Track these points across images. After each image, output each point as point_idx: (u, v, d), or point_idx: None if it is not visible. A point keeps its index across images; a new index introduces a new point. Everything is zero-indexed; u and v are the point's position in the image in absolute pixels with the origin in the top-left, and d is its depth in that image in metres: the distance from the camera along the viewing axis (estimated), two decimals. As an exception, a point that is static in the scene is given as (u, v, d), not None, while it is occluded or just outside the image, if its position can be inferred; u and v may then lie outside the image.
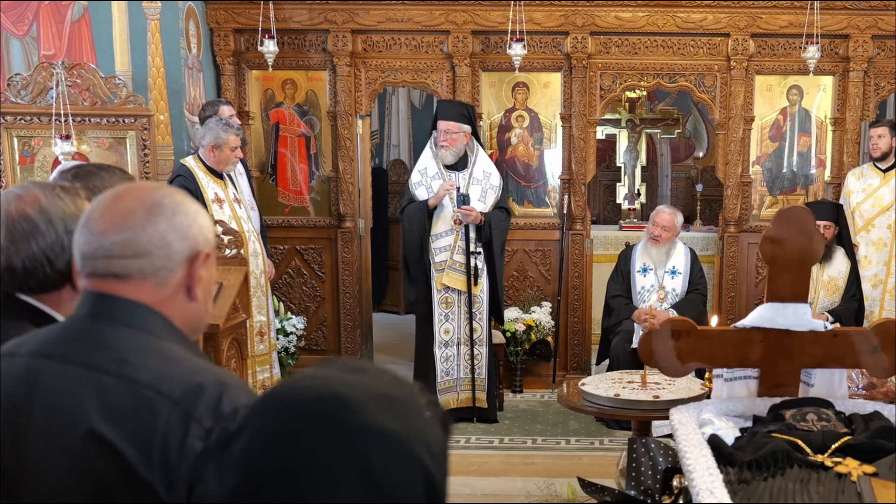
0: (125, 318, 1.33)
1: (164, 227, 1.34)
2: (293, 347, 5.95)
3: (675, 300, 5.40)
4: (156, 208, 1.35)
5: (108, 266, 1.34)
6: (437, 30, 5.97)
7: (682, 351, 2.75)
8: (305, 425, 0.95)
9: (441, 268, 5.23)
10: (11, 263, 1.64)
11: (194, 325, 1.44)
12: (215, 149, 4.83)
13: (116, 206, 1.35)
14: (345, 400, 0.96)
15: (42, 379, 1.30)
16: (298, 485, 0.93)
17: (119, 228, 1.33)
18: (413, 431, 0.98)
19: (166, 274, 1.36)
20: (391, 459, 0.94)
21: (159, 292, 1.36)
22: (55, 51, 5.18)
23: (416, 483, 0.95)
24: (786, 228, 2.74)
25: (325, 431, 0.94)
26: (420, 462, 0.96)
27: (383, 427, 0.95)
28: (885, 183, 5.80)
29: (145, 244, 1.34)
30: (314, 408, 0.96)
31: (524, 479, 4.49)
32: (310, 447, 0.94)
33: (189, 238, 1.37)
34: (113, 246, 1.33)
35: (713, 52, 6.01)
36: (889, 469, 2.17)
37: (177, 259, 1.36)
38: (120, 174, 2.40)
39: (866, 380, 3.31)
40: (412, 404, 1.02)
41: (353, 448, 0.93)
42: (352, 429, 0.94)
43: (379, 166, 9.09)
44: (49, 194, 1.69)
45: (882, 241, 5.81)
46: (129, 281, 1.34)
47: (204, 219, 1.42)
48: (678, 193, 9.75)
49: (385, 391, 1.01)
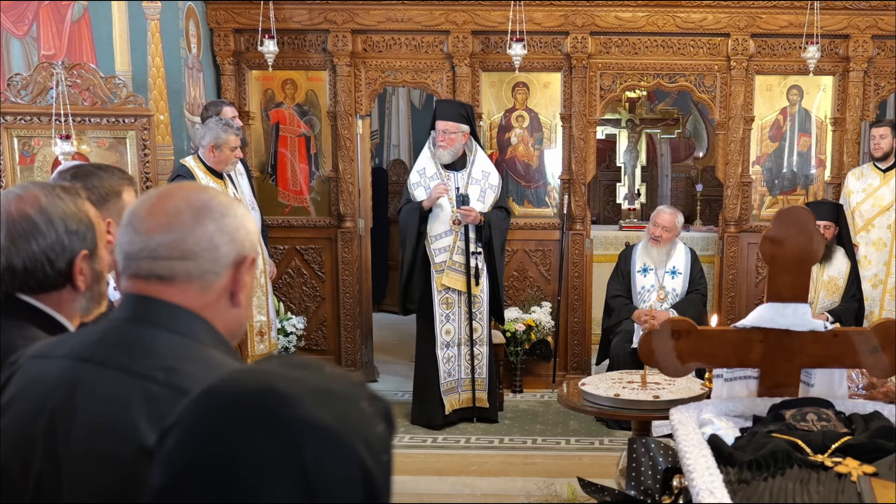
0: (168, 323, 1.29)
1: (212, 230, 1.30)
2: (293, 347, 5.95)
3: (676, 300, 5.40)
4: (204, 210, 1.31)
5: (153, 267, 1.30)
6: (437, 30, 5.97)
7: (682, 351, 2.75)
8: (237, 420, 0.92)
9: (441, 268, 5.23)
10: (12, 263, 1.64)
11: (235, 331, 1.40)
12: (215, 149, 4.83)
13: (162, 206, 1.31)
14: (279, 393, 0.93)
15: (83, 384, 1.26)
16: (227, 481, 0.90)
17: (165, 228, 1.29)
18: (350, 425, 0.94)
19: (212, 278, 1.32)
20: (325, 454, 0.91)
21: (204, 297, 1.32)
22: (55, 51, 5.18)
23: (351, 479, 0.92)
24: (786, 228, 2.74)
25: (257, 426, 0.91)
26: (357, 457, 0.93)
27: (317, 420, 0.92)
28: (885, 183, 5.79)
29: (193, 246, 1.29)
30: (247, 402, 0.93)
31: (524, 479, 4.49)
32: (240, 442, 0.91)
33: (236, 242, 1.33)
34: (159, 246, 1.29)
35: (713, 52, 6.01)
36: (889, 469, 2.17)
37: (224, 263, 1.32)
38: (119, 174, 2.40)
39: (866, 380, 3.31)
40: (350, 398, 0.99)
41: (285, 442, 0.90)
42: (284, 422, 0.91)
43: (379, 166, 9.10)
44: (49, 194, 1.68)
45: (882, 241, 5.80)
46: (173, 284, 1.30)
47: (251, 223, 1.38)
48: (678, 193, 9.75)
49: (322, 385, 0.98)
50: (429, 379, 5.32)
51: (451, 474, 4.62)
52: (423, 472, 4.64)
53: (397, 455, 1.04)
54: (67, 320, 1.70)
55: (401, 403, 5.85)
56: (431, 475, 4.58)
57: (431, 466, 4.75)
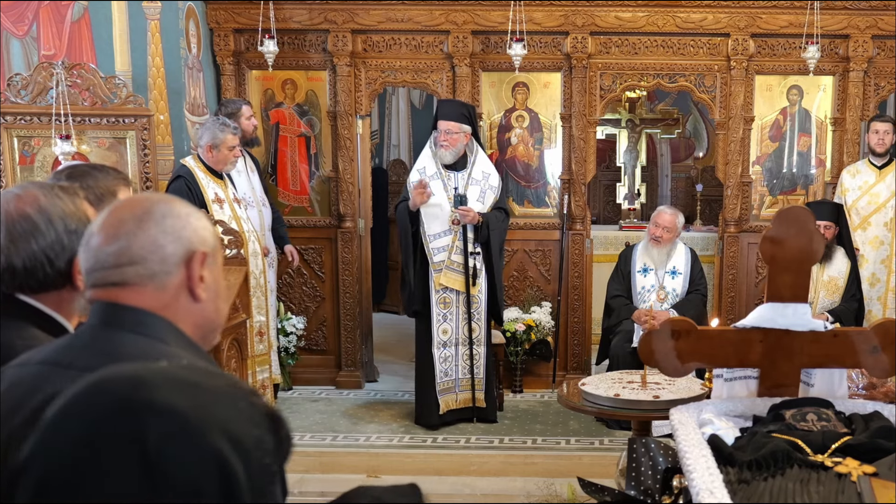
0: (131, 325, 1.35)
1: (154, 232, 1.36)
2: (293, 347, 5.95)
3: (676, 300, 5.40)
4: (145, 215, 1.37)
5: (107, 276, 1.36)
6: (437, 30, 5.97)
7: (682, 351, 2.75)
8: (91, 400, 0.94)
9: (439, 268, 5.23)
10: (12, 263, 1.65)
11: (205, 326, 1.45)
12: (213, 149, 4.83)
13: (109, 220, 1.39)
14: (138, 379, 0.95)
15: (52, 386, 1.31)
16: (73, 459, 0.91)
17: (112, 239, 1.36)
18: (209, 417, 0.94)
19: (164, 277, 1.37)
20: (171, 439, 0.91)
21: (161, 296, 1.37)
22: (55, 51, 5.18)
23: (202, 470, 0.91)
24: (786, 228, 2.74)
25: (106, 406, 0.93)
26: (212, 448, 0.92)
27: (168, 404, 0.92)
28: (881, 179, 5.78)
29: (138, 250, 1.36)
30: (106, 385, 0.96)
31: (524, 479, 4.48)
32: (90, 421, 0.92)
33: (183, 240, 1.38)
34: (108, 257, 1.36)
35: (713, 52, 6.01)
36: (889, 469, 2.17)
37: (172, 261, 1.37)
38: (114, 174, 2.41)
39: (866, 380, 3.31)
40: (224, 395, 0.99)
41: (130, 422, 0.91)
42: (133, 402, 0.92)
43: (379, 166, 9.10)
44: (48, 194, 1.69)
45: (878, 239, 5.79)
46: (129, 287, 1.36)
47: (198, 220, 1.43)
48: (678, 193, 9.75)
49: (192, 379, 0.99)
50: (427, 378, 5.32)
51: (451, 474, 4.61)
52: (423, 472, 4.63)
53: (397, 455, 1.03)
54: (67, 320, 1.70)
55: (401, 403, 5.85)
56: (431, 475, 4.58)
57: (431, 466, 4.74)
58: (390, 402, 5.93)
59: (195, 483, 0.91)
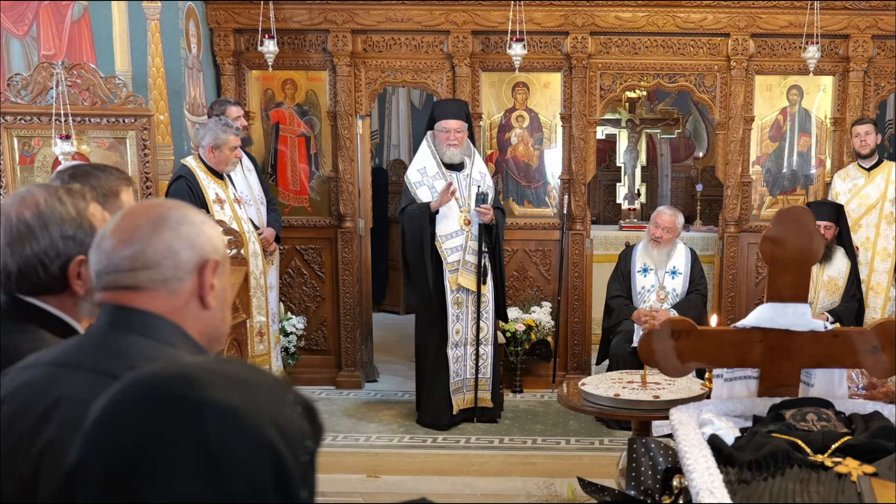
0: (140, 328, 1.36)
1: (170, 238, 1.38)
2: (293, 347, 5.95)
3: (676, 300, 5.40)
4: (161, 221, 1.39)
5: (119, 279, 1.37)
6: (437, 30, 5.97)
7: (682, 351, 2.75)
8: (145, 400, 0.96)
9: (454, 268, 5.23)
10: (7, 266, 1.65)
11: (211, 333, 1.46)
12: (215, 149, 4.82)
13: (124, 224, 1.40)
14: (189, 377, 0.97)
15: (61, 387, 1.32)
16: (133, 459, 0.93)
17: (127, 244, 1.37)
18: (259, 410, 0.97)
19: (177, 283, 1.39)
20: (230, 433, 0.94)
21: (172, 301, 1.39)
22: (55, 51, 5.18)
23: (260, 461, 0.95)
24: (786, 228, 2.74)
25: (162, 405, 0.95)
26: (266, 440, 0.96)
27: (223, 401, 0.95)
28: (870, 181, 5.80)
29: (153, 255, 1.37)
30: (158, 384, 0.97)
31: (524, 479, 4.49)
32: (146, 421, 0.94)
33: (196, 247, 1.40)
34: (122, 261, 1.37)
35: (713, 52, 6.01)
36: (889, 469, 2.17)
37: (186, 268, 1.39)
38: (116, 174, 2.41)
39: (866, 380, 3.31)
40: (267, 389, 1.02)
41: (189, 421, 0.93)
42: (190, 402, 0.95)
43: (379, 166, 9.10)
44: (50, 198, 1.69)
45: (870, 240, 5.81)
46: (140, 291, 1.37)
47: (211, 228, 1.44)
48: (678, 193, 9.76)
49: (238, 374, 1.02)
50: (438, 379, 5.31)
51: (451, 474, 4.61)
52: (423, 472, 4.64)
53: (397, 455, 1.05)
54: (75, 321, 1.70)
55: (401, 403, 5.86)
56: (431, 475, 4.58)
57: (431, 466, 4.74)
58: (390, 402, 5.93)
59: (255, 473, 0.95)
